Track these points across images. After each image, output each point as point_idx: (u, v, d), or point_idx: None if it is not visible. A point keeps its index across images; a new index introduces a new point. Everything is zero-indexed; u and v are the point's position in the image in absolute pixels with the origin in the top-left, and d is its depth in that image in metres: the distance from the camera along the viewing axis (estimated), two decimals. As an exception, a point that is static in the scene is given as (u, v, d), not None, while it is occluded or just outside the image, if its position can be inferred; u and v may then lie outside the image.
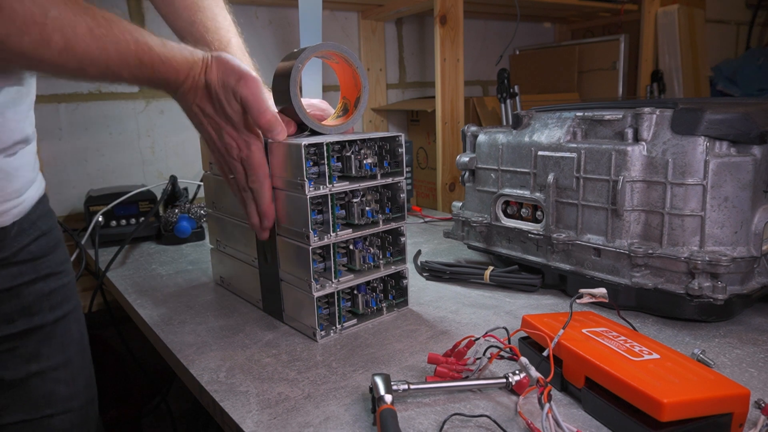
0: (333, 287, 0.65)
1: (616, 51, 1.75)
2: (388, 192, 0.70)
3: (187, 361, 0.62)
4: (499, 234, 0.86)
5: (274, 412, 0.51)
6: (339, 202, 0.66)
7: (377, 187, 0.69)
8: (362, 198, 0.67)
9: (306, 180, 0.61)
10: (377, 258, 0.70)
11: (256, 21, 1.44)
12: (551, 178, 0.75)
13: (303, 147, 0.60)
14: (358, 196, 0.67)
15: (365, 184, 0.66)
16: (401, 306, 0.74)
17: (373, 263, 0.70)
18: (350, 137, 0.65)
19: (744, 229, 0.64)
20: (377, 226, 0.68)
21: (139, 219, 1.15)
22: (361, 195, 0.67)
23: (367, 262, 0.69)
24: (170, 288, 0.86)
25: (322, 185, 0.62)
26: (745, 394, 0.44)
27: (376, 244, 0.70)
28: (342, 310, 0.68)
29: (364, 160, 0.66)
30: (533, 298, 0.77)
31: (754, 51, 2.36)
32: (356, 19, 1.60)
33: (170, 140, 1.35)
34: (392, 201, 0.70)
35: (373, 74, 1.64)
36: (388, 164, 0.68)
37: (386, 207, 0.70)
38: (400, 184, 0.69)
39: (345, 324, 0.68)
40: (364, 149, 0.66)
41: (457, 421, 0.48)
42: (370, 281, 0.70)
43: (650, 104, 0.69)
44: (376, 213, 0.68)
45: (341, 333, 0.67)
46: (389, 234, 0.71)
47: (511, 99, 1.42)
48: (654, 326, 0.67)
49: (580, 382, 0.50)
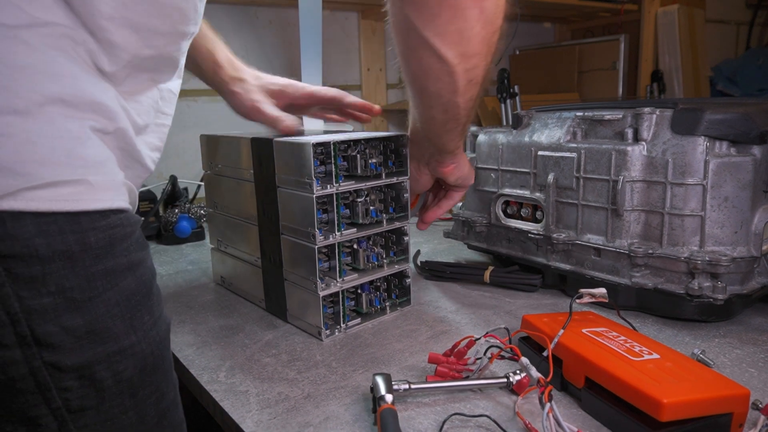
0: (338, 286, 0.65)
1: (616, 51, 1.75)
2: (392, 192, 0.70)
3: (187, 360, 0.62)
4: (499, 234, 0.86)
5: (274, 412, 0.51)
6: (344, 201, 0.67)
7: (381, 186, 0.69)
8: (366, 197, 0.68)
9: (314, 179, 0.61)
10: (381, 257, 0.70)
11: (256, 21, 1.44)
12: (551, 178, 0.75)
13: (311, 146, 0.60)
14: (363, 195, 0.67)
15: (370, 183, 0.66)
16: (404, 305, 0.74)
17: (377, 263, 0.70)
18: (356, 136, 0.65)
19: (744, 229, 0.64)
20: (381, 225, 0.68)
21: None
22: (365, 194, 0.67)
23: (371, 261, 0.69)
24: (170, 288, 0.86)
25: (328, 184, 0.62)
26: (745, 394, 0.44)
27: (380, 243, 0.70)
28: (346, 309, 0.68)
29: (369, 159, 0.66)
30: (533, 298, 0.77)
31: (754, 51, 2.37)
32: (356, 19, 1.60)
33: (170, 140, 1.34)
34: (396, 201, 0.70)
35: (373, 74, 1.64)
36: (393, 164, 0.69)
37: (390, 206, 0.70)
38: (404, 184, 0.69)
39: (350, 323, 0.68)
40: (369, 149, 0.66)
41: (457, 421, 0.48)
42: (374, 280, 0.70)
43: (650, 104, 0.69)
44: (380, 213, 0.68)
45: (346, 332, 0.67)
46: (393, 233, 0.71)
47: (511, 99, 1.42)
48: (654, 326, 0.67)
49: (580, 382, 0.50)
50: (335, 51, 1.57)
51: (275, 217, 0.68)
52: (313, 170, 0.61)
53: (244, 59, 0.81)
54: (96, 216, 0.41)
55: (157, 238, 1.17)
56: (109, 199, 0.42)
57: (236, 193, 0.77)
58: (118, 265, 0.42)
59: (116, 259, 0.42)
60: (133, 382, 0.43)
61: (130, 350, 0.43)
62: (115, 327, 0.42)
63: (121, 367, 0.42)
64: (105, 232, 0.41)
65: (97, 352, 0.41)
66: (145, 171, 0.52)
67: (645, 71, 1.84)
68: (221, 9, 1.38)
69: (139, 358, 0.43)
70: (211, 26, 0.78)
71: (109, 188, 0.42)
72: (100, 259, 0.41)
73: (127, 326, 0.42)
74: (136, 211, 0.49)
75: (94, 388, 0.41)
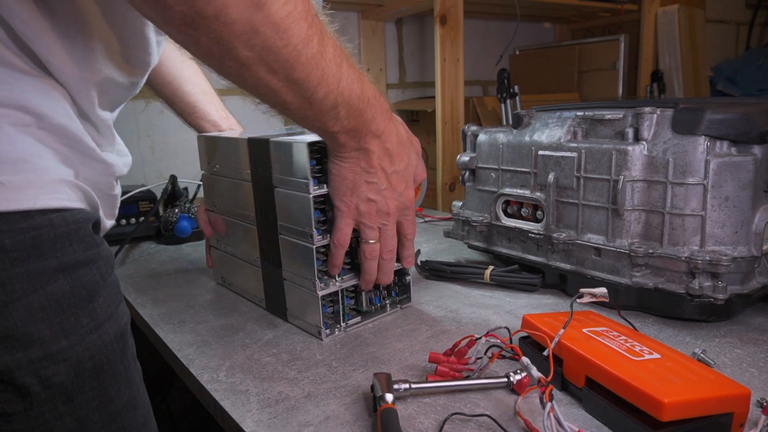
0: (337, 286, 0.65)
1: (616, 51, 1.75)
2: None
3: (187, 360, 0.62)
4: (499, 233, 0.86)
5: (274, 411, 0.51)
6: None
7: None
8: None
9: (310, 179, 0.61)
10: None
11: (256, 21, 1.44)
12: (551, 177, 0.75)
13: (307, 145, 0.60)
14: None
15: None
16: (404, 302, 0.74)
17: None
18: None
19: (744, 228, 0.64)
20: None
21: (139, 219, 1.15)
22: None
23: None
24: (170, 288, 0.86)
25: (324, 184, 0.62)
26: (746, 394, 0.44)
27: None
28: (346, 307, 0.68)
29: None
30: (533, 298, 0.77)
31: (754, 51, 2.37)
32: (356, 19, 1.60)
33: (170, 140, 1.35)
34: None
35: (373, 74, 1.64)
36: None
37: None
38: None
39: (349, 322, 0.68)
40: None
41: (457, 421, 0.48)
42: None
43: (651, 104, 0.69)
44: None
45: (346, 331, 0.67)
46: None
47: (511, 99, 1.42)
48: (654, 326, 0.66)
49: (581, 381, 0.50)
50: (335, 51, 1.57)
51: (273, 217, 0.68)
52: (309, 170, 0.61)
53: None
54: (13, 217, 0.38)
55: (157, 237, 1.17)
56: (31, 198, 0.39)
57: (234, 194, 0.77)
58: (45, 268, 0.40)
59: (42, 262, 0.40)
60: (66, 387, 0.41)
61: (60, 355, 0.41)
62: (40, 332, 0.40)
63: (50, 373, 0.40)
64: (26, 234, 0.39)
65: (16, 358, 0.39)
66: (108, 168, 0.50)
67: (645, 71, 1.84)
68: (221, 9, 1.37)
69: (73, 363, 0.41)
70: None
71: (34, 187, 0.40)
72: (19, 261, 0.39)
73: (55, 331, 0.40)
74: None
75: (18, 393, 0.39)
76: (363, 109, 0.54)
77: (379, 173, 0.60)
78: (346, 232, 0.62)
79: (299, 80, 0.46)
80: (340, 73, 0.49)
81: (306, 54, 0.45)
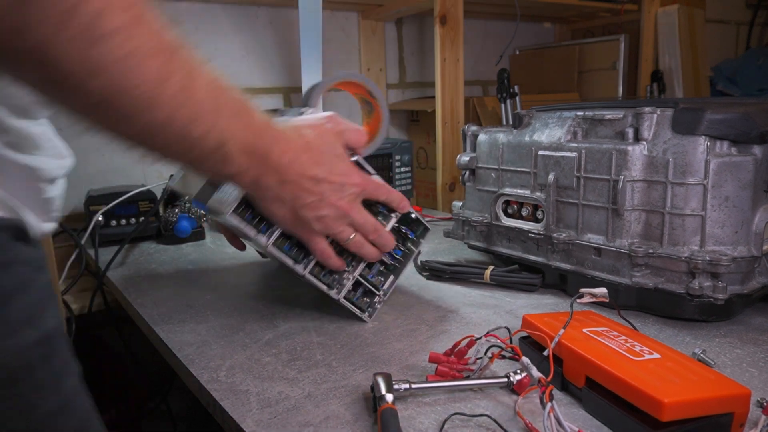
0: (350, 279, 0.66)
1: (616, 51, 1.75)
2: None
3: (187, 360, 0.62)
4: (499, 233, 0.86)
5: (274, 411, 0.51)
6: None
7: None
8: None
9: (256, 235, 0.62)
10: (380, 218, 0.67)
11: (256, 21, 1.44)
12: (551, 177, 0.75)
13: (233, 211, 0.61)
14: None
15: None
16: (424, 234, 0.72)
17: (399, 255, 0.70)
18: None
19: (744, 228, 0.64)
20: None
21: (139, 219, 1.15)
22: None
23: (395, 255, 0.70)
24: (170, 287, 0.86)
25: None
26: (746, 394, 0.44)
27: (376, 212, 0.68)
28: (375, 279, 0.69)
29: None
30: (534, 298, 0.77)
31: (754, 51, 2.36)
32: (356, 19, 1.60)
33: (170, 140, 1.35)
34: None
35: (373, 74, 1.64)
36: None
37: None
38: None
39: (385, 288, 0.69)
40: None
41: (457, 421, 0.48)
42: None
43: (651, 104, 0.69)
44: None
45: (385, 299, 0.70)
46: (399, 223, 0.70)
47: (511, 99, 1.42)
48: (654, 326, 0.66)
49: (581, 381, 0.50)
50: (335, 51, 1.57)
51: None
52: (246, 225, 0.61)
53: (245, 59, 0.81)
54: None
55: (157, 237, 1.17)
56: None
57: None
58: None
59: None
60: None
61: None
62: None
63: None
64: None
65: None
66: (33, 172, 0.47)
67: (645, 71, 1.83)
68: (221, 9, 1.38)
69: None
70: None
71: None
72: None
73: None
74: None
75: None
76: (254, 143, 0.50)
77: (306, 194, 0.56)
78: (321, 248, 0.61)
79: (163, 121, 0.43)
80: (218, 107, 0.46)
81: (166, 93, 0.42)
